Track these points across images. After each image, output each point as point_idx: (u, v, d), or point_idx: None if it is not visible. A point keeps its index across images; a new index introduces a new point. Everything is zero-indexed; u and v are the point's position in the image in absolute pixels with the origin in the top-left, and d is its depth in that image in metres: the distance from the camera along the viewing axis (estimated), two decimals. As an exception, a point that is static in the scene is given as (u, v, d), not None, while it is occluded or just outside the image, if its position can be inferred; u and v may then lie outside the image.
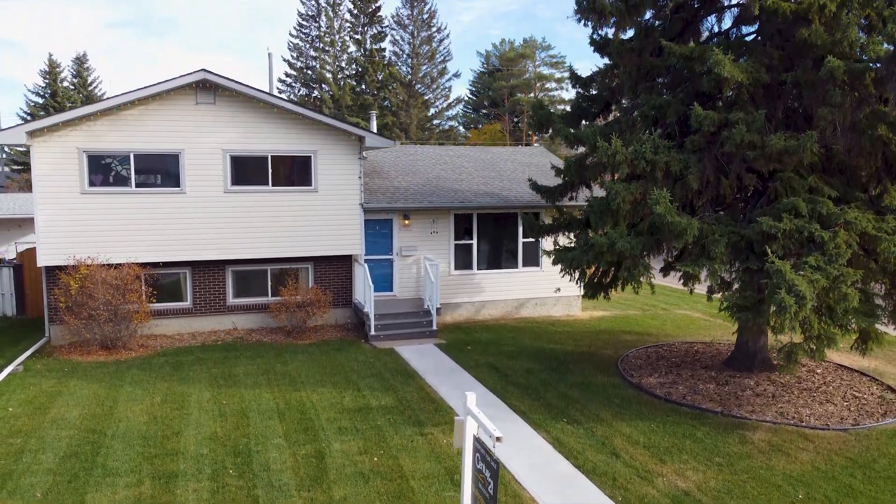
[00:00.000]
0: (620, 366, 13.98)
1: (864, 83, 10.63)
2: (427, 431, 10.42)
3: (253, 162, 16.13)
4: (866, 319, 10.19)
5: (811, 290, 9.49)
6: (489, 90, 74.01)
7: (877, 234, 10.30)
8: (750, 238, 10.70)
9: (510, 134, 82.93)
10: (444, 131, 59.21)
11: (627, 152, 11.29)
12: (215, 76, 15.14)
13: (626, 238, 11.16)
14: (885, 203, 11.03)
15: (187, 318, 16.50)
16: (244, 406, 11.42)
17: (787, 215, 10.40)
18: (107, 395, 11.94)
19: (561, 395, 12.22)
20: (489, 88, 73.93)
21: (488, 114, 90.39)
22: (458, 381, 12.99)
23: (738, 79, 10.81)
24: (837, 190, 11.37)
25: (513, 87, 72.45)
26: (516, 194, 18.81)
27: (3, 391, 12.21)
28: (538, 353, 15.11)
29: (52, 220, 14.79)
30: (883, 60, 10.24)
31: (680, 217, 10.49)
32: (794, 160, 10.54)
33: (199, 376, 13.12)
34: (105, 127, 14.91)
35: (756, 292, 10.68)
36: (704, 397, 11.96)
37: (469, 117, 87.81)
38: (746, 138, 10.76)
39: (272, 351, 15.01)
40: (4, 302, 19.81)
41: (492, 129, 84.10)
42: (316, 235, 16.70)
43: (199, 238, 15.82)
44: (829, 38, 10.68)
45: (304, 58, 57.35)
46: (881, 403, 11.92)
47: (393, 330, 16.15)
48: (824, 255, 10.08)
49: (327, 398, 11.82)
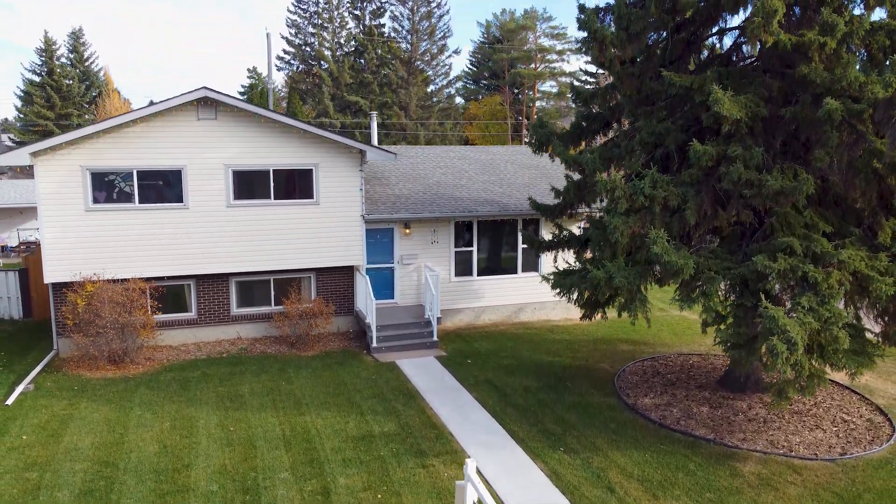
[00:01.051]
0: (617, 383, 14.31)
1: (863, 119, 10.73)
2: (429, 463, 10.78)
3: (255, 176, 16.25)
4: (856, 359, 10.46)
5: (803, 333, 9.74)
6: (489, 61, 73.37)
7: (869, 274, 10.52)
8: (745, 276, 10.92)
9: (510, 106, 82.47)
10: (444, 109, 58.79)
11: (626, 187, 11.43)
12: (216, 93, 15.16)
13: (624, 272, 11.37)
14: (880, 240, 11.21)
15: (192, 329, 16.80)
16: (251, 433, 11.77)
17: (782, 255, 10.59)
18: (117, 420, 12.27)
19: (558, 419, 12.57)
20: (489, 60, 73.28)
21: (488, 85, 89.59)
22: (459, 401, 13.33)
23: (736, 116, 10.89)
24: (832, 224, 11.55)
25: (513, 58, 71.82)
26: (516, 201, 18.95)
27: (17, 414, 12.56)
28: (536, 367, 15.43)
29: (58, 238, 14.98)
30: (881, 104, 10.32)
31: (677, 256, 10.68)
32: (790, 200, 10.69)
33: (205, 396, 13.45)
34: (108, 145, 15.00)
35: (749, 329, 10.93)
36: (698, 422, 12.31)
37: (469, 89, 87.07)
38: (744, 176, 10.90)
39: (276, 365, 15.33)
40: (11, 305, 20.10)
41: (492, 101, 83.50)
42: (318, 247, 16.90)
43: (202, 252, 16.02)
44: (829, 77, 10.74)
45: (303, 34, 56.74)
46: (869, 428, 12.28)
47: (394, 341, 16.45)
48: (817, 295, 10.31)
49: (331, 424, 12.16)
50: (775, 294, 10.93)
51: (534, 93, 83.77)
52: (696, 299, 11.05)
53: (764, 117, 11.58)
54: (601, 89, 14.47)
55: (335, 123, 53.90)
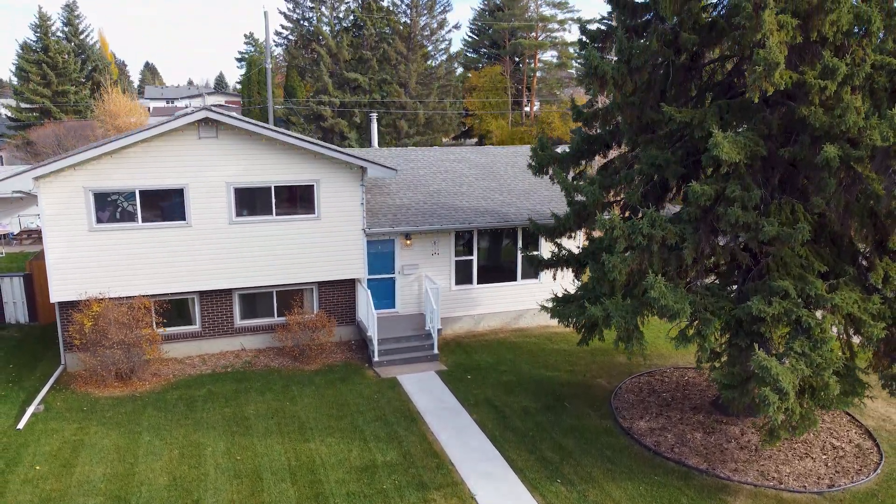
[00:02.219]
0: (613, 402, 14.65)
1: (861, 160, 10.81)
2: (430, 497, 11.15)
3: (256, 192, 16.34)
4: (847, 401, 10.75)
5: (795, 380, 10.01)
6: (490, 30, 72.49)
7: (862, 317, 10.74)
8: (740, 317, 11.14)
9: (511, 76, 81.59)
10: (444, 86, 58.23)
11: (625, 226, 11.57)
12: (217, 114, 15.17)
13: (621, 310, 11.58)
14: (872, 280, 11.39)
15: (196, 341, 17.08)
16: (257, 464, 12.12)
17: (777, 298, 10.79)
18: (127, 448, 12.62)
19: (556, 445, 12.92)
20: (490, 28, 72.37)
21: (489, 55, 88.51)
22: (459, 424, 13.68)
23: (735, 160, 10.97)
24: (827, 263, 11.72)
25: (514, 28, 70.92)
26: (516, 210, 19.07)
27: (28, 440, 12.90)
28: (535, 384, 15.75)
29: (63, 258, 15.14)
30: (879, 152, 10.40)
31: (674, 300, 10.87)
32: (785, 245, 10.84)
33: (212, 418, 13.79)
34: (110, 166, 15.05)
35: (742, 368, 11.20)
36: (691, 450, 12.67)
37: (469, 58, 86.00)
38: (741, 219, 11.03)
39: (280, 382, 15.65)
40: (17, 310, 20.35)
41: (492, 70, 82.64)
42: (320, 261, 17.09)
43: (206, 269, 16.22)
44: (828, 121, 10.79)
45: (301, 9, 55.88)
46: (857, 455, 12.65)
47: (395, 355, 16.76)
48: (810, 339, 10.55)
49: (335, 452, 12.51)
50: (769, 336, 11.16)
51: (534, 63, 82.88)
52: (692, 339, 11.28)
53: (763, 156, 11.66)
54: (601, 110, 14.48)
55: (334, 101, 53.52)
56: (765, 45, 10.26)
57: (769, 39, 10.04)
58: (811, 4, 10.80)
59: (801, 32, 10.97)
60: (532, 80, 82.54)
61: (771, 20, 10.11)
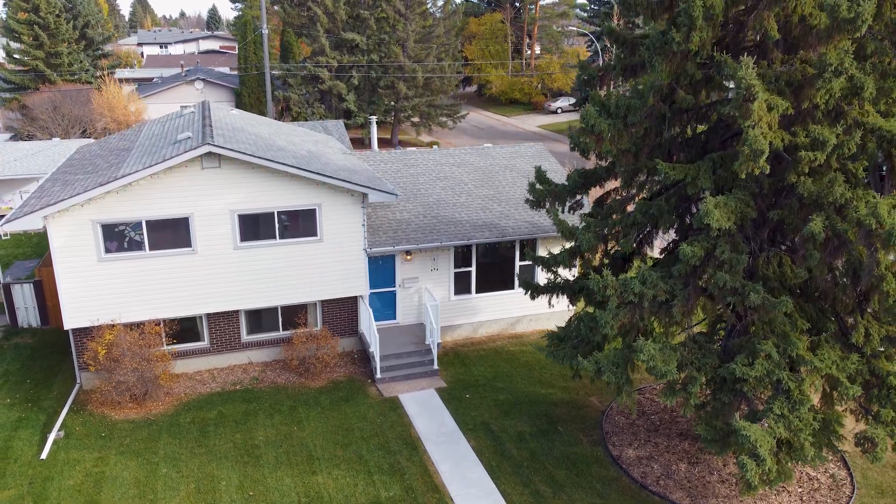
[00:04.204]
0: (604, 426, 15.45)
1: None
2: (431, 538, 12.05)
3: (260, 218, 16.70)
4: (824, 457, 11.49)
5: (772, 443, 10.72)
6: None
7: (839, 378, 11.35)
8: (724, 376, 11.76)
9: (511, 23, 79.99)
10: (443, 45, 57.21)
11: (617, 285, 12.04)
12: (220, 148, 15.37)
13: (612, 364, 12.19)
14: (854, 340, 11.92)
15: (206, 357, 17.77)
16: (270, 500, 12.96)
17: (760, 359, 11.38)
18: (146, 482, 13.45)
19: (549, 477, 13.77)
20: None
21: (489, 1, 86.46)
22: (458, 454, 14.49)
23: (725, 227, 11.35)
24: (811, 319, 12.25)
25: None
26: (514, 223, 19.44)
27: (52, 473, 13.73)
28: (530, 404, 16.50)
29: (74, 288, 15.65)
30: (864, 227, 10.73)
31: (662, 361, 11.46)
32: (769, 314, 11.35)
33: (224, 447, 14.59)
34: (116, 200, 15.38)
35: (723, 421, 11.89)
36: (676, 483, 13.52)
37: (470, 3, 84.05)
38: (729, 283, 11.50)
39: (287, 402, 16.39)
40: (29, 315, 20.98)
41: (492, 18, 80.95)
42: (322, 281, 17.60)
43: (212, 293, 16.75)
44: (816, 191, 11.13)
45: (296, -34, 54.33)
46: (831, 487, 13.51)
47: (397, 371, 17.48)
48: (789, 401, 11.19)
49: (342, 487, 13.35)
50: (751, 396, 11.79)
51: (535, 10, 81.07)
52: (678, 393, 11.93)
53: (753, 218, 12.03)
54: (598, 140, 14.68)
55: (332, 63, 52.76)
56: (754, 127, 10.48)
57: (754, 129, 10.28)
58: (805, 75, 10.99)
59: (793, 103, 11.19)
60: (533, 27, 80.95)
61: (761, 110, 10.33)
